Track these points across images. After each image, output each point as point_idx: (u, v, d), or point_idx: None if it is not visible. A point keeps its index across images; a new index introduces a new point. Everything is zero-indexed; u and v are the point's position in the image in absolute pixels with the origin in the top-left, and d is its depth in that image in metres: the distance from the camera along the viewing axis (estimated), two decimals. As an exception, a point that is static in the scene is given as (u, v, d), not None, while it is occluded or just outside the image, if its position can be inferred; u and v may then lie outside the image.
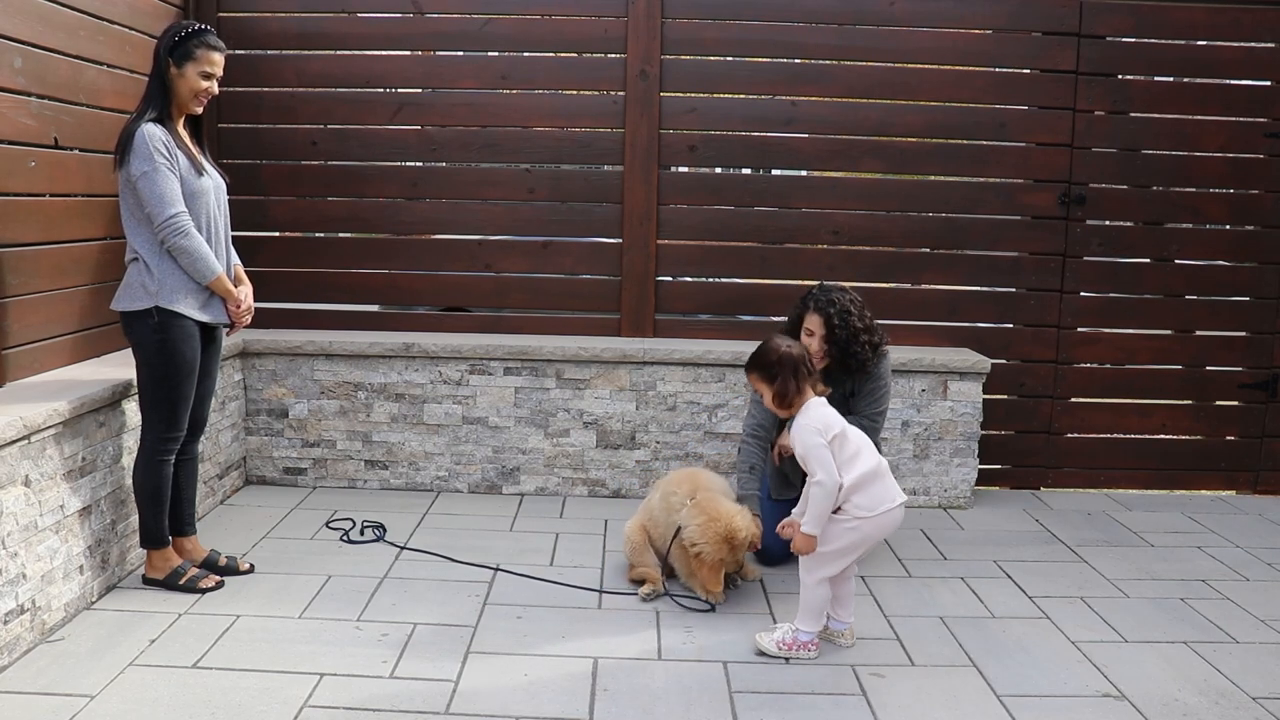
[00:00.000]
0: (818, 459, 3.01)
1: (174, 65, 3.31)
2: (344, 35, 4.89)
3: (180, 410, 3.43)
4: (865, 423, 3.78)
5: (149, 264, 3.31)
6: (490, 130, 4.92)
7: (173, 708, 2.74)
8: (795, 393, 3.12)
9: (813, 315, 3.79)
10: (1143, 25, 4.86)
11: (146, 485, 3.46)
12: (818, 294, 3.83)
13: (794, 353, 3.17)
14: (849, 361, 3.79)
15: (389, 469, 4.82)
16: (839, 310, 3.75)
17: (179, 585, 3.50)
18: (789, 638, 3.14)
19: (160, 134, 3.26)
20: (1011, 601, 3.66)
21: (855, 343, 3.76)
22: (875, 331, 3.84)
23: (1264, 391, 5.09)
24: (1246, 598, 3.74)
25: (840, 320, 3.74)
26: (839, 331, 3.74)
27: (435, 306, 5.24)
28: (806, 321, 3.81)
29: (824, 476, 2.99)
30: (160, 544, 3.52)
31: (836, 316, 3.74)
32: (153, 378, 3.38)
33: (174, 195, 3.25)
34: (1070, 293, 5.01)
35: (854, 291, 3.88)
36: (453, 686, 2.91)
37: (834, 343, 3.76)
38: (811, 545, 3.05)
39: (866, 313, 3.83)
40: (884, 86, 4.88)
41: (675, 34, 4.83)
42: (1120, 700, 2.94)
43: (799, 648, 3.13)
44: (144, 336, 3.34)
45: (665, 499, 3.66)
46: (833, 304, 3.76)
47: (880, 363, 3.89)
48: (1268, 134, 4.94)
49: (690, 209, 4.99)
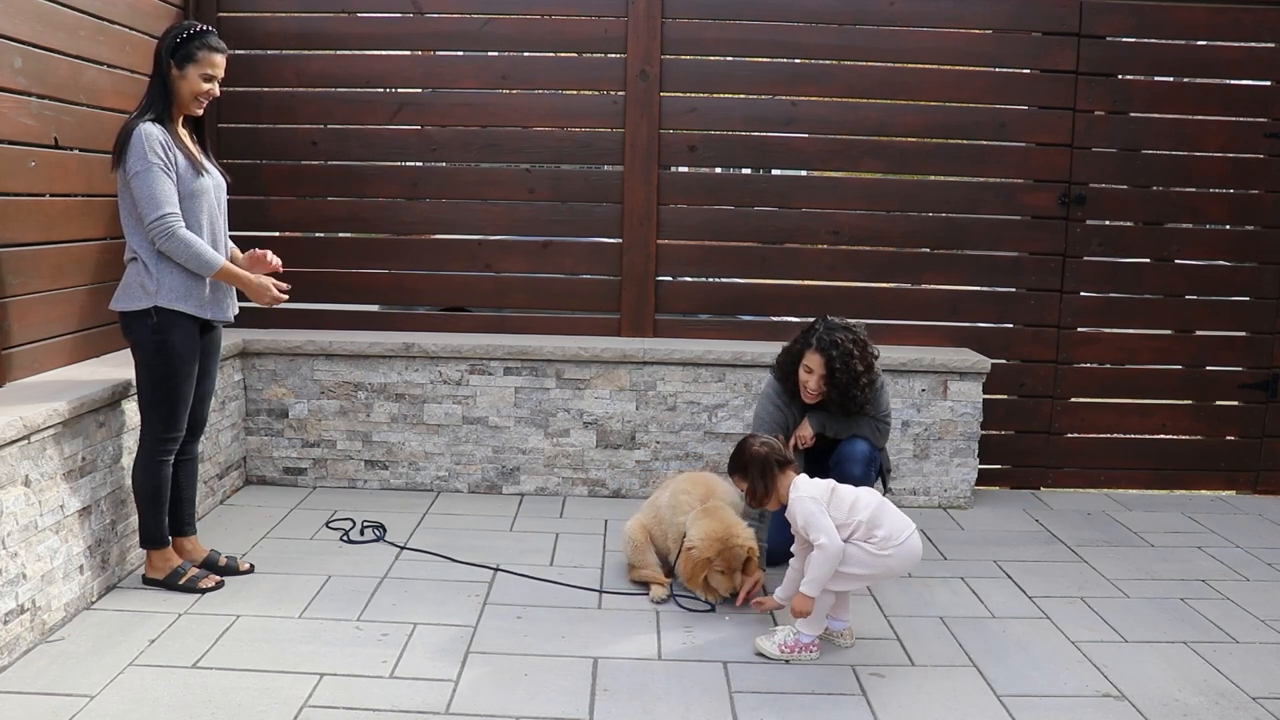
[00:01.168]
0: (819, 525, 3.04)
1: (175, 66, 3.30)
2: (344, 35, 4.89)
3: (179, 410, 3.42)
4: (876, 424, 3.85)
5: (148, 264, 3.30)
6: (490, 130, 4.92)
7: (173, 708, 2.74)
8: (764, 493, 3.21)
9: (814, 354, 3.73)
10: (1143, 25, 4.86)
11: (146, 485, 3.45)
12: (821, 332, 3.75)
13: (762, 453, 3.22)
14: (847, 404, 3.80)
15: (389, 469, 4.82)
16: (841, 354, 3.68)
17: (179, 585, 3.50)
18: (790, 640, 3.14)
19: (158, 133, 3.25)
20: (1011, 601, 3.66)
21: (855, 386, 3.73)
22: (873, 369, 3.80)
23: (1264, 391, 5.09)
24: (1246, 598, 3.74)
25: (841, 364, 3.69)
26: (839, 375, 3.71)
27: (435, 306, 5.24)
28: (806, 359, 3.76)
29: (826, 540, 3.02)
30: (160, 544, 3.52)
31: (838, 360, 3.68)
32: (152, 378, 3.37)
33: (165, 196, 3.22)
34: (1070, 293, 5.01)
35: (857, 329, 3.79)
36: (453, 686, 2.91)
37: (833, 385, 3.74)
38: (809, 607, 3.07)
39: (870, 350, 3.78)
40: (884, 86, 4.88)
41: (675, 34, 4.83)
42: (1120, 700, 2.94)
43: (800, 649, 3.13)
44: (143, 337, 3.34)
45: (675, 498, 3.67)
46: (835, 345, 3.68)
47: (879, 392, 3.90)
48: (1268, 134, 4.94)
49: (690, 209, 4.99)
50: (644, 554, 3.69)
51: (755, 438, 3.33)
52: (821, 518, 3.05)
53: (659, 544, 3.71)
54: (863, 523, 3.06)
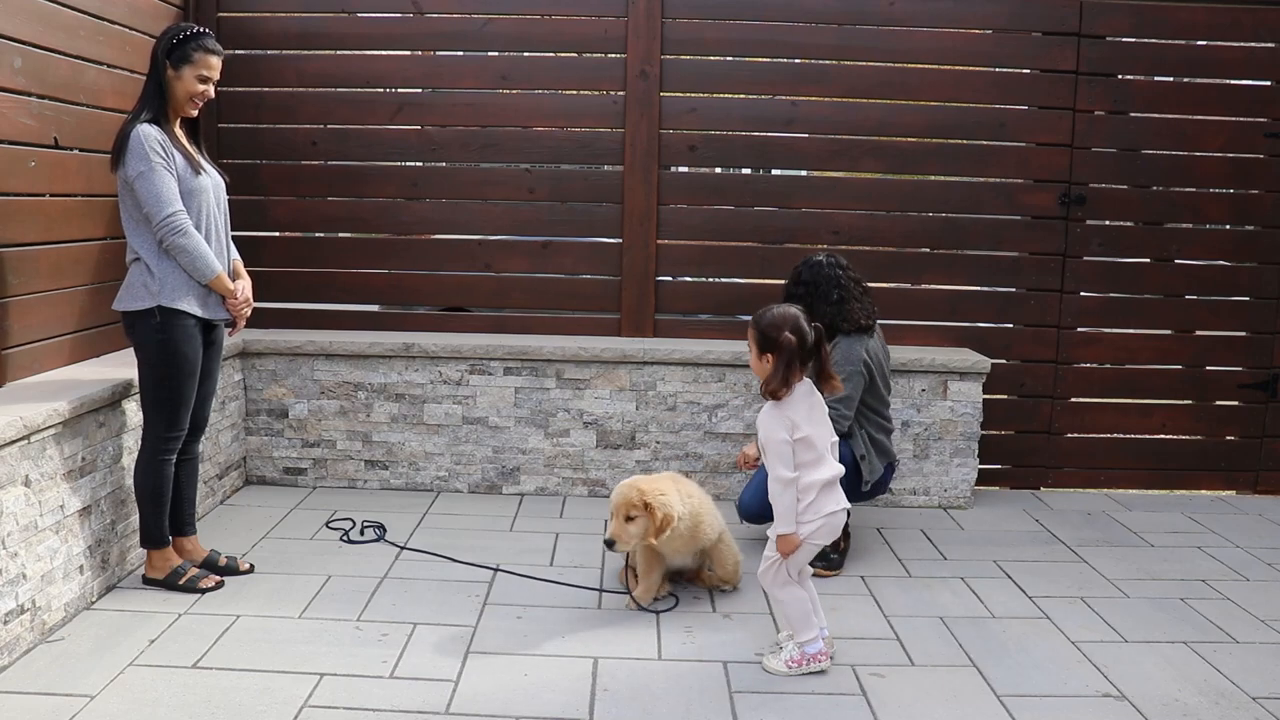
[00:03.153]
0: (778, 454, 2.95)
1: (171, 67, 3.33)
2: (344, 35, 4.89)
3: (182, 410, 3.43)
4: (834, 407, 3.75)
5: (150, 264, 3.32)
6: (490, 130, 4.92)
7: (173, 708, 2.74)
8: (781, 384, 2.96)
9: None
10: (1143, 25, 4.86)
11: (147, 485, 3.46)
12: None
13: (793, 342, 2.97)
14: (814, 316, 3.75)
15: (389, 469, 4.82)
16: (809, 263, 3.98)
17: (179, 585, 3.50)
18: (796, 654, 3.05)
19: (155, 134, 3.27)
20: (1011, 601, 3.66)
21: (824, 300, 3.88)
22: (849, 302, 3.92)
23: (1264, 391, 5.09)
24: (1246, 598, 3.74)
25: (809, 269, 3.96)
26: (804, 276, 3.95)
27: (435, 306, 5.24)
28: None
29: (783, 471, 2.94)
30: (160, 544, 3.52)
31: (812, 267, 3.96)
32: (154, 377, 3.38)
33: (171, 194, 3.26)
34: (1070, 293, 5.01)
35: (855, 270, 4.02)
36: (453, 686, 2.91)
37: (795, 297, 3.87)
38: (792, 544, 2.97)
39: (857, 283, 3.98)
40: (884, 86, 4.88)
41: (675, 34, 4.83)
42: (1120, 700, 2.94)
43: (809, 660, 3.04)
44: (146, 336, 3.35)
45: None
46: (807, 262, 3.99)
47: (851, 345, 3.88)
48: (1268, 134, 4.94)
49: (690, 209, 4.99)
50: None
51: (793, 313, 3.02)
52: (784, 448, 2.94)
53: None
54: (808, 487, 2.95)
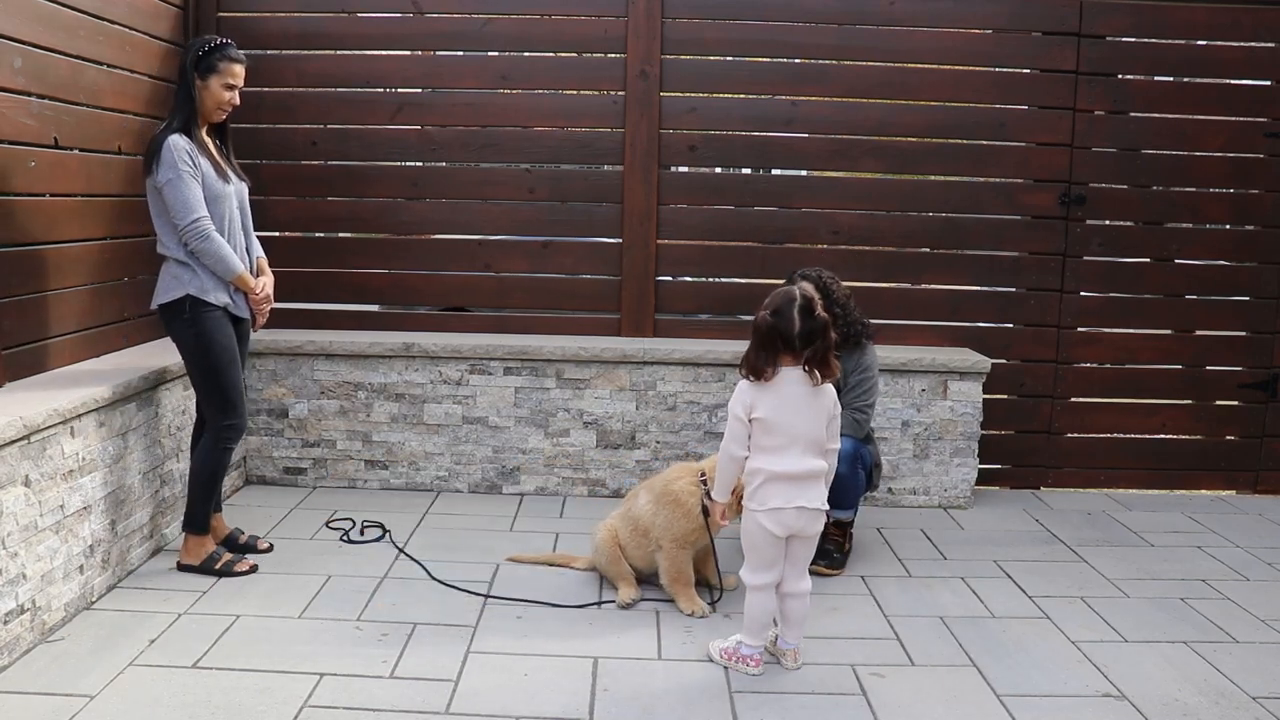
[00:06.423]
0: (729, 427, 3.01)
1: (199, 78, 3.54)
2: (344, 35, 4.89)
3: (232, 396, 3.64)
4: (852, 415, 3.77)
5: (178, 261, 3.53)
6: (490, 130, 4.92)
7: (173, 708, 2.74)
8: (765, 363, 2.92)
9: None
10: (1143, 25, 4.86)
11: (204, 470, 3.66)
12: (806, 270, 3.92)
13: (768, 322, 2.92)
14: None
15: (389, 469, 4.82)
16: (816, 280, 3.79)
17: (214, 570, 3.66)
18: (731, 647, 3.08)
19: (184, 144, 3.46)
20: (1011, 601, 3.66)
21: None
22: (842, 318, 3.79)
23: (1264, 391, 5.09)
24: (1246, 598, 3.74)
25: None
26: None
27: (435, 306, 5.24)
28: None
29: (726, 443, 3.01)
30: (202, 530, 3.70)
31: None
32: (199, 369, 3.59)
33: (195, 201, 3.45)
34: (1070, 293, 5.01)
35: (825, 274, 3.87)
36: (453, 686, 2.91)
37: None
38: (717, 511, 3.16)
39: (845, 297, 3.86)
40: (884, 86, 4.88)
41: (675, 34, 4.83)
42: (1120, 700, 2.94)
43: (739, 660, 3.04)
44: (182, 331, 3.55)
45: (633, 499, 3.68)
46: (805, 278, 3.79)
47: (862, 354, 3.87)
48: (1268, 134, 4.94)
49: (690, 209, 4.99)
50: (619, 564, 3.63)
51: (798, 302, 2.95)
52: (736, 424, 2.96)
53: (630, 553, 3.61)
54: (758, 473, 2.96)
